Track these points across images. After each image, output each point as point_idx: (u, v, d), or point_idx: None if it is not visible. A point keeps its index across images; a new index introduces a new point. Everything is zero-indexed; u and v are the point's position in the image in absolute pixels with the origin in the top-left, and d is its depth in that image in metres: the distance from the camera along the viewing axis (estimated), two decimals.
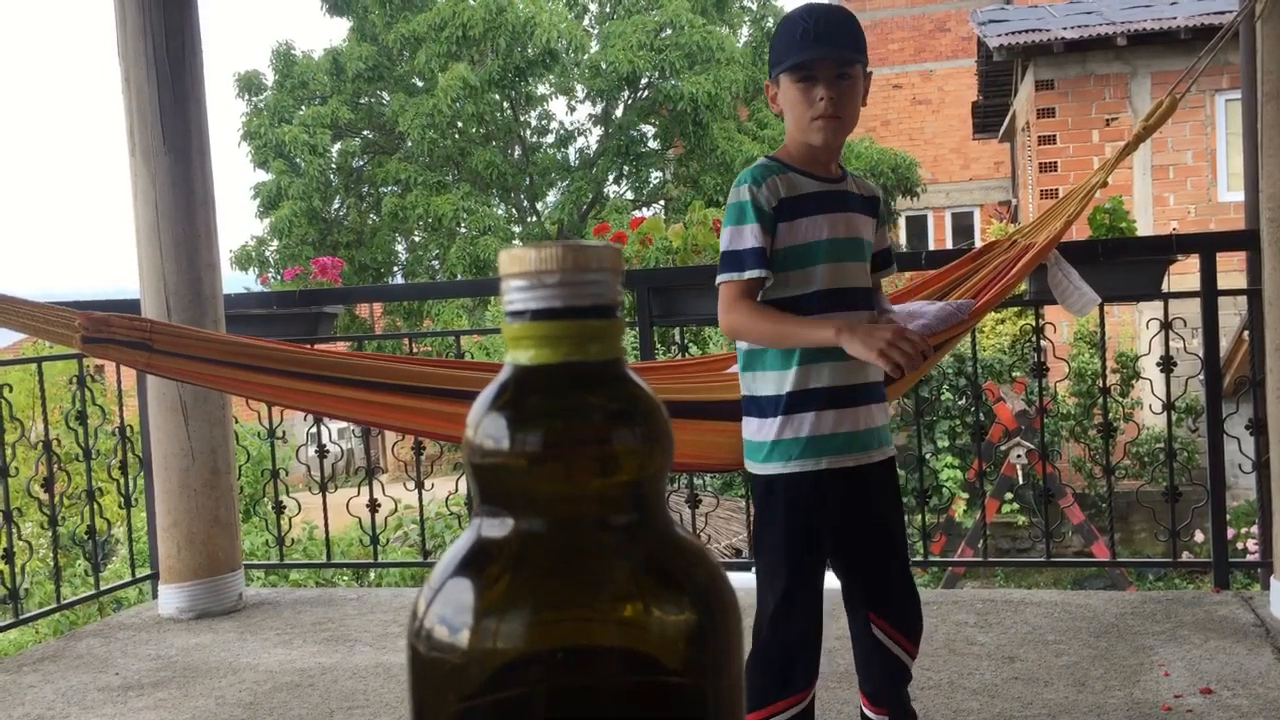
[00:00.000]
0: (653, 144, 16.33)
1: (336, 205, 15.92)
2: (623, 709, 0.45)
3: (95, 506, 3.94)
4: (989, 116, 14.03)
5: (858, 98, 2.06)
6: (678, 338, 4.40)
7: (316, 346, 3.85)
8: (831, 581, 2.12)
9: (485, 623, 0.45)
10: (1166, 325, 3.59)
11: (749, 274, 1.99)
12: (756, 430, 2.07)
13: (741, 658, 0.48)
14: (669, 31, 15.10)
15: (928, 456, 8.79)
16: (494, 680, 0.45)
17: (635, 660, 0.45)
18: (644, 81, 15.53)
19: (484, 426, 0.48)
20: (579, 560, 0.47)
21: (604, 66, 14.98)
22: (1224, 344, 5.14)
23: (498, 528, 0.47)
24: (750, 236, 2.00)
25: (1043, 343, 3.81)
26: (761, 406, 2.06)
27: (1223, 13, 8.58)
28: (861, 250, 2.10)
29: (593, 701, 0.45)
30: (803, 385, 2.01)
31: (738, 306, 2.00)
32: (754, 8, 17.09)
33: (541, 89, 16.10)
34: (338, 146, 15.67)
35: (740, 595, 0.50)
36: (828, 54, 2.01)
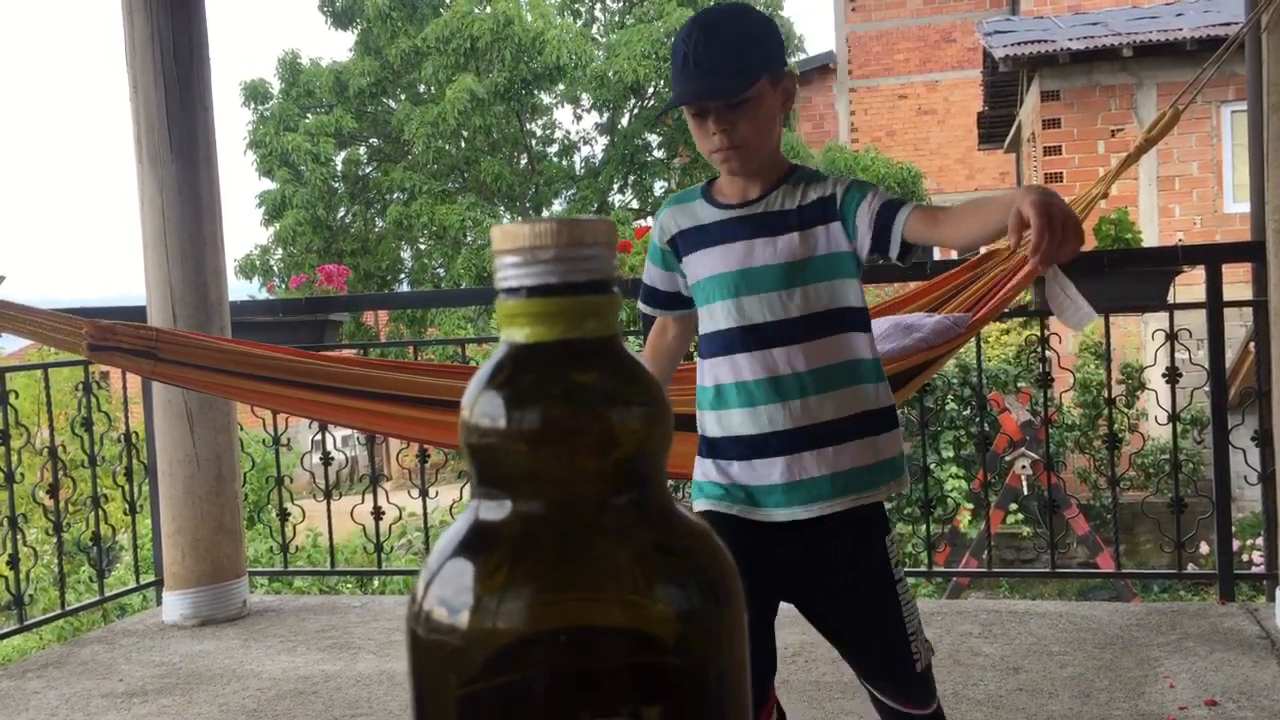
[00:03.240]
0: (658, 153, 16.34)
1: (342, 213, 15.92)
2: (625, 689, 0.45)
3: (100, 513, 3.94)
4: (994, 127, 14.02)
5: (760, 116, 1.73)
6: None
7: (322, 353, 3.86)
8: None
9: (485, 604, 0.45)
10: (1172, 336, 3.59)
11: (640, 305, 1.99)
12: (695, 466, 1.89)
13: (745, 637, 0.48)
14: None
15: (932, 466, 8.77)
16: (495, 662, 0.44)
17: (638, 640, 0.45)
18: (649, 91, 15.55)
19: (480, 406, 0.47)
20: (579, 540, 0.46)
21: (610, 76, 14.99)
22: (1229, 355, 5.13)
23: (496, 509, 0.47)
24: (647, 269, 1.95)
25: (1048, 353, 3.80)
26: (699, 444, 1.86)
27: (1229, 24, 8.57)
28: (770, 277, 1.75)
29: (595, 682, 0.45)
30: (716, 429, 1.80)
31: (648, 339, 2.05)
32: None
33: (547, 99, 16.13)
34: (343, 154, 15.69)
35: None
36: (705, 91, 1.72)
